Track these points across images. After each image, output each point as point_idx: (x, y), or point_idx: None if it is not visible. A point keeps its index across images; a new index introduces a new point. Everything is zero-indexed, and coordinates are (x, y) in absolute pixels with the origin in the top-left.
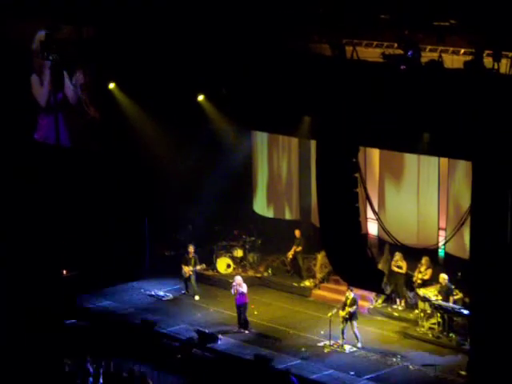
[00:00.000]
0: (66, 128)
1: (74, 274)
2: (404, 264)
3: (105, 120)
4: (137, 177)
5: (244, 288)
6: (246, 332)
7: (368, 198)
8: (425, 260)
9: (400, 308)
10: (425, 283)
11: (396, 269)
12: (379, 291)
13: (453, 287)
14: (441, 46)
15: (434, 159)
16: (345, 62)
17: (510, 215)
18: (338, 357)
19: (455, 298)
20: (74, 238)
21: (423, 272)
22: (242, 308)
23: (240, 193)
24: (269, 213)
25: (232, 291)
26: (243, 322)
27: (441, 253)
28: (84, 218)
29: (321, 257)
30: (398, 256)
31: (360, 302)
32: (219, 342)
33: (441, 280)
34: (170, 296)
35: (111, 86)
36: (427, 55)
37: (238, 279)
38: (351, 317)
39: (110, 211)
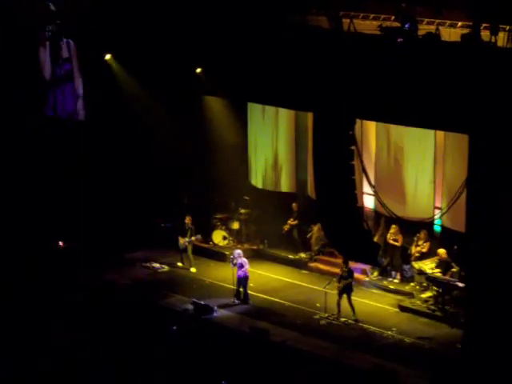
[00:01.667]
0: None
1: (71, 246)
2: (400, 237)
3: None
4: (132, 149)
5: (244, 261)
6: (245, 305)
7: (364, 170)
8: (423, 234)
9: (396, 281)
10: (422, 256)
11: (392, 242)
12: (375, 264)
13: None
14: (438, 18)
15: (430, 132)
16: (342, 35)
17: (505, 187)
18: (334, 329)
19: (452, 271)
20: (70, 210)
21: (421, 245)
22: (242, 281)
23: (236, 165)
24: (265, 185)
25: (231, 265)
26: (244, 296)
27: (437, 227)
28: (79, 189)
29: (316, 229)
30: (394, 229)
31: (355, 275)
32: (215, 314)
33: (441, 253)
34: (166, 268)
35: (107, 57)
36: (424, 28)
37: (237, 252)
38: (347, 289)
39: (107, 183)
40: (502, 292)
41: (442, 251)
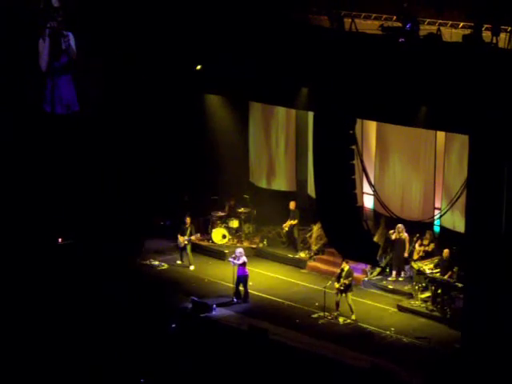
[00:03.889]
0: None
1: (70, 242)
2: (406, 236)
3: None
4: (132, 146)
5: (245, 260)
6: (244, 303)
7: (364, 170)
8: (428, 234)
9: (395, 280)
10: (426, 256)
11: (395, 237)
12: (374, 264)
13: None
14: (439, 19)
15: (431, 133)
16: (343, 34)
17: (506, 188)
18: (332, 328)
19: (451, 271)
20: (71, 206)
21: (426, 245)
22: (241, 279)
23: (237, 163)
24: (265, 184)
25: (232, 263)
26: (244, 295)
27: (436, 228)
28: (77, 185)
29: (316, 228)
30: (400, 228)
31: (355, 275)
32: (214, 312)
33: (444, 254)
34: (165, 265)
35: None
36: (426, 28)
37: (239, 251)
38: (346, 289)
39: (105, 180)
40: (500, 292)
41: (445, 251)
